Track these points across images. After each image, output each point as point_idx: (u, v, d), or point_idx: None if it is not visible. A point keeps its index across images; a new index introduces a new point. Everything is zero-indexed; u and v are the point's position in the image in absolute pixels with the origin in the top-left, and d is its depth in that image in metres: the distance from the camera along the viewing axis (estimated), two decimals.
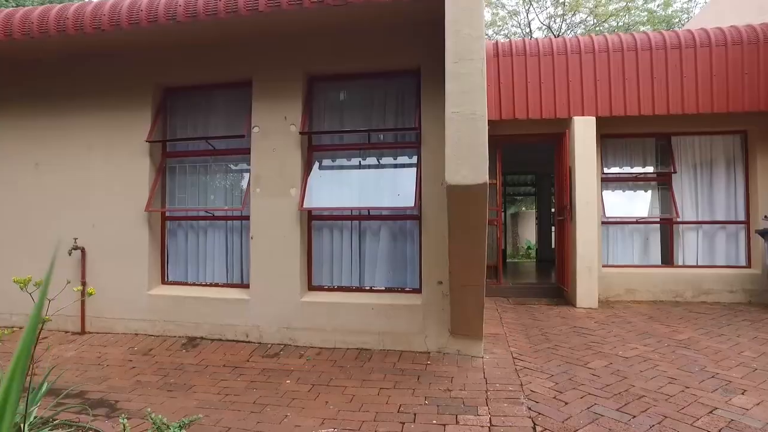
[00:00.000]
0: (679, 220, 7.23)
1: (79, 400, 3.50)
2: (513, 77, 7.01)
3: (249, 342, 4.71)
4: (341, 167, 4.88)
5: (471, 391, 3.48)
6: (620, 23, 21.42)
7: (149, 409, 3.05)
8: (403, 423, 2.98)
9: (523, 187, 17.68)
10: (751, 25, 6.75)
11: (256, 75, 4.88)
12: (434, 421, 3.00)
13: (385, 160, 4.84)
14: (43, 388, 2.68)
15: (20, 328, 5.38)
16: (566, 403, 3.24)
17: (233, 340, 4.76)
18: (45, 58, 5.38)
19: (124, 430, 2.23)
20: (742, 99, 6.64)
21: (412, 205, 4.40)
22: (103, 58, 5.27)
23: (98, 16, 4.59)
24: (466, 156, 3.45)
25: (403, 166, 4.76)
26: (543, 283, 8.72)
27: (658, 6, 21.09)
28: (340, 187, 4.79)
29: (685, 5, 21.74)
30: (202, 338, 4.86)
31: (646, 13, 21.29)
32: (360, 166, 4.85)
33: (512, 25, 22.93)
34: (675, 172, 7.30)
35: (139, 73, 5.22)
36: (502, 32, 22.93)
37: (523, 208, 23.05)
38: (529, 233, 20.11)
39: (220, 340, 4.78)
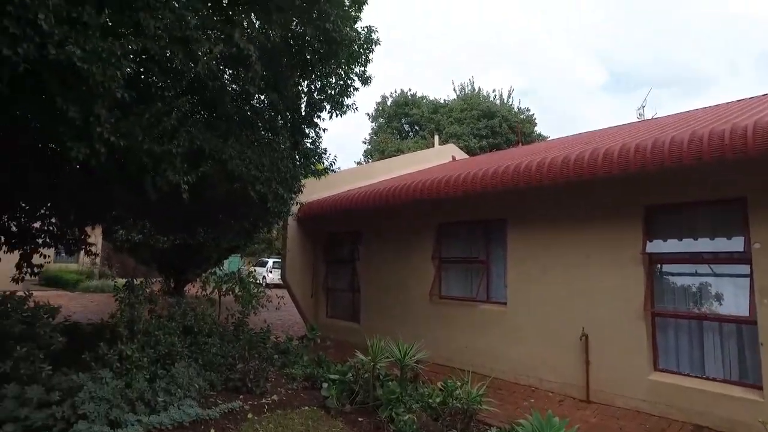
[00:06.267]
0: None
1: None
2: None
3: None
4: None
5: None
6: None
7: None
8: None
9: None
10: None
11: (750, 194, 5.51)
12: None
13: None
14: None
15: (551, 392, 7.27)
16: None
17: None
18: (548, 189, 7.35)
19: None
20: None
21: None
22: (591, 184, 6.82)
23: (594, 159, 6.13)
24: None
25: None
26: None
27: None
28: None
29: None
30: (708, 428, 5.57)
31: None
32: None
33: None
34: None
35: (625, 195, 6.56)
36: None
37: None
38: None
39: None
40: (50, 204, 8.13)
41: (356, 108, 7.79)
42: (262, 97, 7.30)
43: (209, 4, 6.30)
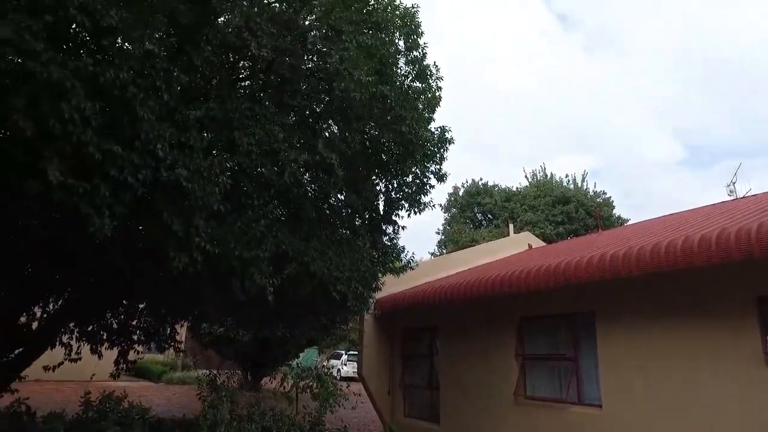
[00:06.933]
0: None
1: None
2: None
3: None
4: None
5: None
6: None
7: None
8: None
9: None
10: None
11: None
12: None
13: None
14: None
15: None
16: None
17: None
18: (638, 279, 6.86)
19: None
20: None
21: None
22: (688, 274, 6.29)
23: (688, 248, 5.67)
24: None
25: None
26: None
27: None
28: None
29: None
30: None
31: None
32: None
33: None
34: None
35: (732, 284, 5.96)
36: None
37: None
38: None
39: None
40: (146, 302, 8.71)
41: (433, 205, 7.95)
42: (341, 197, 7.65)
43: (294, 118, 6.89)
